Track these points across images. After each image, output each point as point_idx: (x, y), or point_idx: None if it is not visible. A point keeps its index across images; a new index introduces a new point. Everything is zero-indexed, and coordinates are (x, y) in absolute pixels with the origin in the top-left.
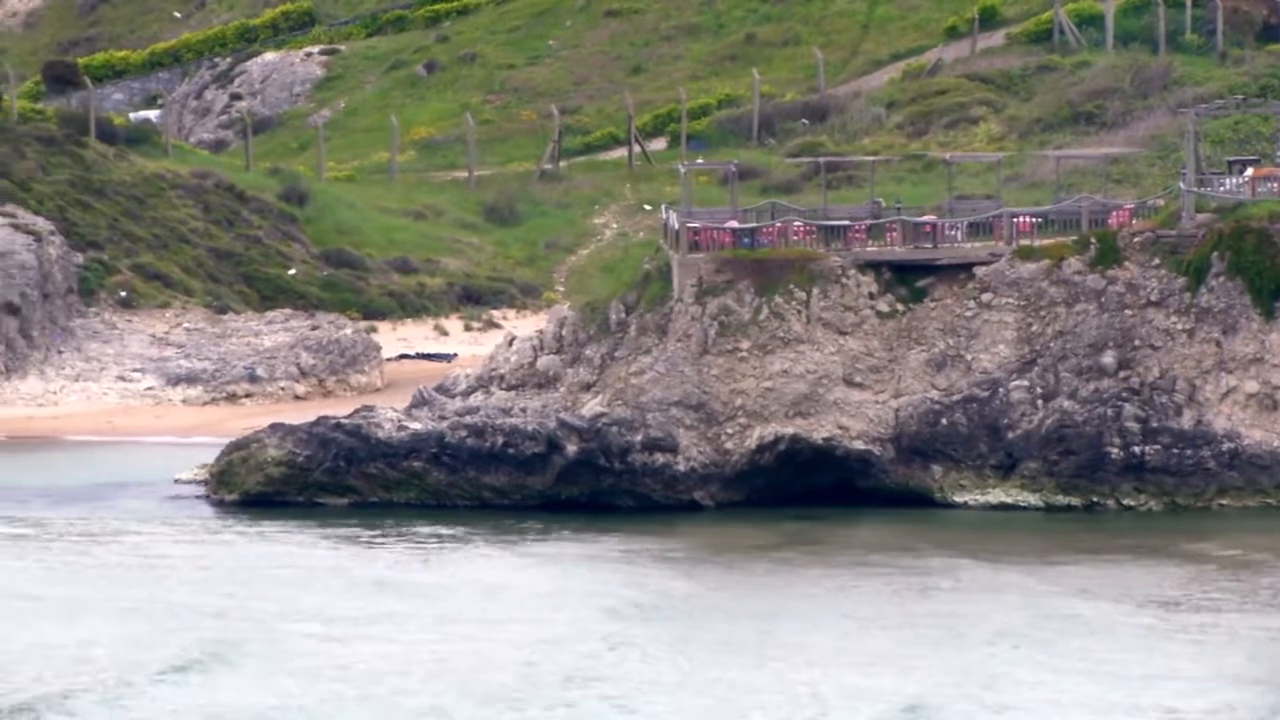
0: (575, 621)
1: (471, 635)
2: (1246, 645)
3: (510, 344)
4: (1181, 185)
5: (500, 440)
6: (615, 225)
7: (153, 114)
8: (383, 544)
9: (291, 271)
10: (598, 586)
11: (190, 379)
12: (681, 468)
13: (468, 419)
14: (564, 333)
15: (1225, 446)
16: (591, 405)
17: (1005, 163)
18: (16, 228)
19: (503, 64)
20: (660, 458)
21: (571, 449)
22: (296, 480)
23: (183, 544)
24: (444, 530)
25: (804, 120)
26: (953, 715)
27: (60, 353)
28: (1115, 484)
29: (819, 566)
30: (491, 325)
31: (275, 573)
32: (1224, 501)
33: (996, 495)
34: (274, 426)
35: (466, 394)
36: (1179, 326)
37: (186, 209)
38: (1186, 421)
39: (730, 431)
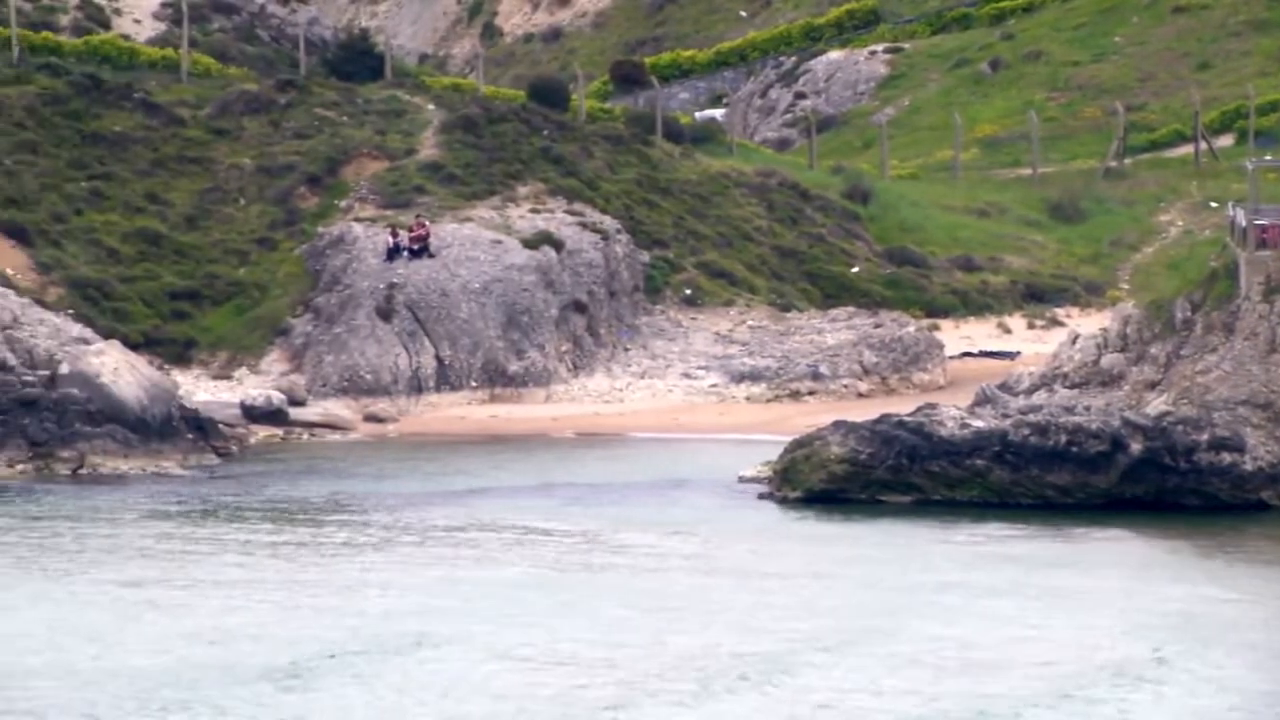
0: None
1: None
2: None
3: (1074, 342)
4: None
5: (1064, 438)
6: (1180, 223)
7: (717, 113)
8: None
9: (855, 269)
10: None
11: (754, 376)
12: (1249, 467)
13: (1031, 417)
14: (1128, 331)
15: None
16: (1156, 404)
17: None
18: (584, 226)
19: (1067, 61)
20: (1227, 457)
21: (1136, 448)
22: (859, 478)
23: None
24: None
25: None
26: None
27: (626, 350)
28: None
29: None
30: (1055, 323)
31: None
32: None
33: None
34: (837, 424)
35: (1029, 392)
36: None
37: (750, 207)
38: None
39: None
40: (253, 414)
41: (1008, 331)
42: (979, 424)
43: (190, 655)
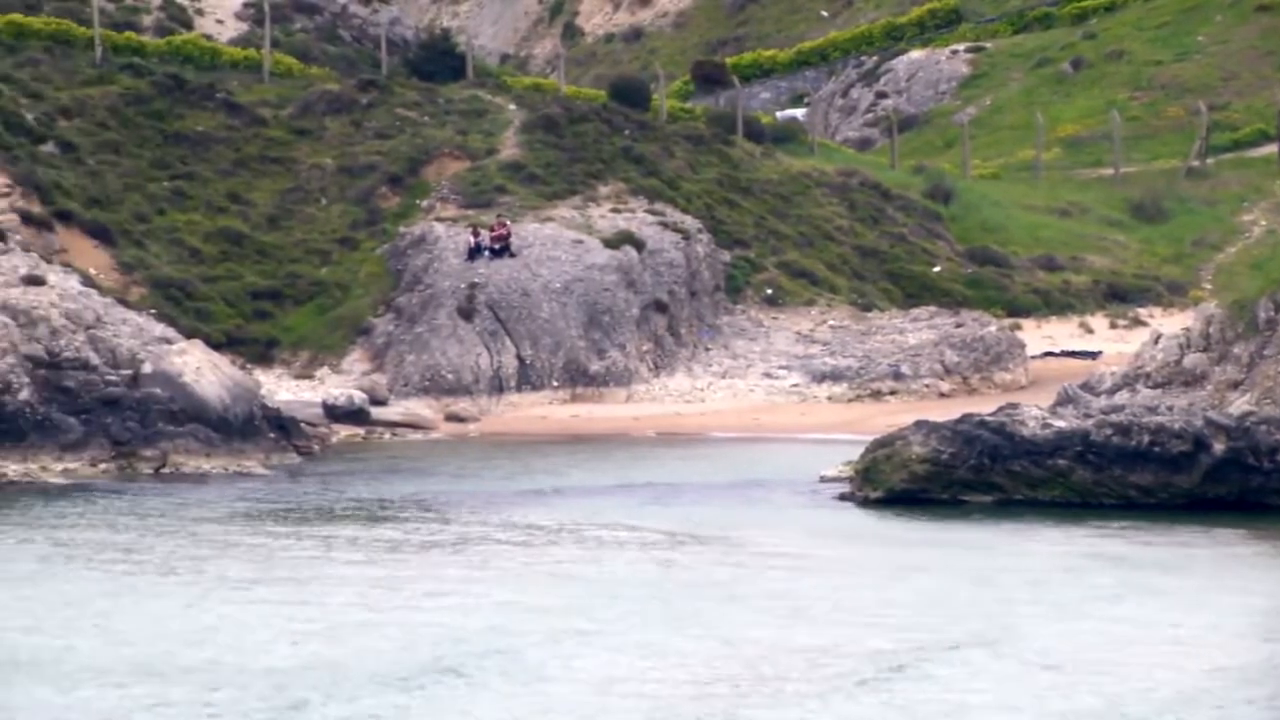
0: None
1: None
2: None
3: (1156, 342)
4: None
5: (1146, 438)
6: (1264, 222)
7: (799, 112)
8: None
9: (936, 269)
10: None
11: (835, 376)
12: None
13: (1113, 417)
14: (1211, 330)
15: None
16: (1239, 404)
17: None
18: (665, 226)
19: (1150, 60)
20: None
21: (1218, 447)
22: (941, 478)
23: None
24: None
25: None
26: None
27: (707, 350)
28: None
29: None
30: (1137, 323)
31: None
32: None
33: None
34: (918, 424)
35: (1112, 392)
36: None
37: (832, 207)
38: None
39: None
40: (334, 413)
41: (1090, 331)
42: (1061, 424)
43: (286, 654)
